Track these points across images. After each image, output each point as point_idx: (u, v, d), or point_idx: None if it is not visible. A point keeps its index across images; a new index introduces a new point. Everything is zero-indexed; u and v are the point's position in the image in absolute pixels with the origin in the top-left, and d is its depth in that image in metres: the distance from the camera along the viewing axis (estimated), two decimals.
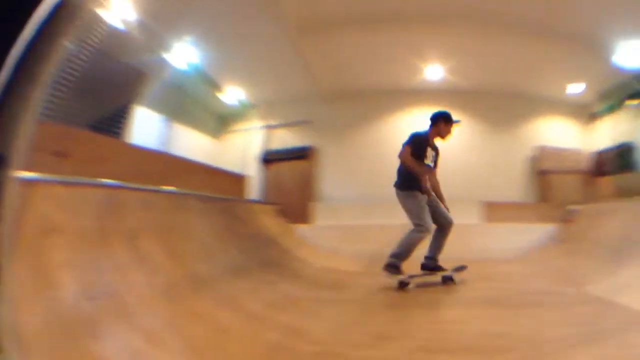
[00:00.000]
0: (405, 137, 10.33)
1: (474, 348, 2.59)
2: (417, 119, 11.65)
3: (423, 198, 5.57)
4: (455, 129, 6.25)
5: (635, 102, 10.68)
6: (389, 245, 7.78)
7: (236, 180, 9.00)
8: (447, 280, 5.42)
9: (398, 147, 11.20)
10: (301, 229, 7.81)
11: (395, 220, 8.43)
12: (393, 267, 5.11)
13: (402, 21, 8.29)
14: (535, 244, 8.12)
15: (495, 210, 9.79)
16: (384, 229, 7.99)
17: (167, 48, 7.94)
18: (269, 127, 11.25)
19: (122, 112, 7.62)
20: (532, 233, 8.50)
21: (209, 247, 3.57)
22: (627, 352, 2.39)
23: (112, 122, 7.42)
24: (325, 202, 10.45)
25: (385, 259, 5.31)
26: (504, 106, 11.47)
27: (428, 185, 5.61)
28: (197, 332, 2.30)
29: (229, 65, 9.18)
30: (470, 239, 8.09)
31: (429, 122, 6.15)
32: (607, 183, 10.78)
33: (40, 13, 1.32)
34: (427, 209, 5.55)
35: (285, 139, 11.30)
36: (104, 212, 2.78)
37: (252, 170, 10.65)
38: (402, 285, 5.01)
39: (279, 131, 11.33)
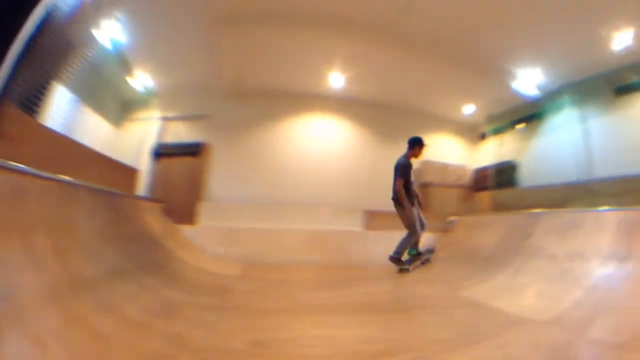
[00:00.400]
0: (302, 141, 10.59)
1: (354, 353, 2.63)
2: (313, 125, 11.90)
3: (414, 210, 7.35)
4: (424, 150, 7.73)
5: (522, 125, 11.47)
6: (272, 250, 7.92)
7: (128, 173, 8.69)
8: (425, 262, 7.47)
9: (292, 151, 11.41)
10: (186, 229, 7.67)
11: (280, 225, 8.58)
12: (396, 260, 7.02)
13: (311, 25, 8.41)
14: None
15: (376, 219, 10.11)
16: (270, 233, 8.11)
17: (97, 22, 7.68)
18: (166, 119, 11.01)
19: (42, 88, 7.26)
20: None
21: (93, 247, 3.43)
22: (504, 351, 2.58)
23: (31, 99, 7.07)
24: (212, 202, 10.35)
25: (266, 263, 7.15)
26: (396, 119, 11.86)
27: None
28: (78, 339, 2.20)
29: (145, 47, 8.92)
30: (352, 245, 8.54)
31: (407, 145, 7.65)
32: (486, 197, 11.47)
33: None
34: (417, 218, 7.32)
35: (180, 133, 11.09)
36: None
37: (144, 163, 10.37)
38: (403, 271, 6.91)
39: (175, 124, 11.11)
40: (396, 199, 7.46)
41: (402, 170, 7.47)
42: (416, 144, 7.64)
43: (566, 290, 3.70)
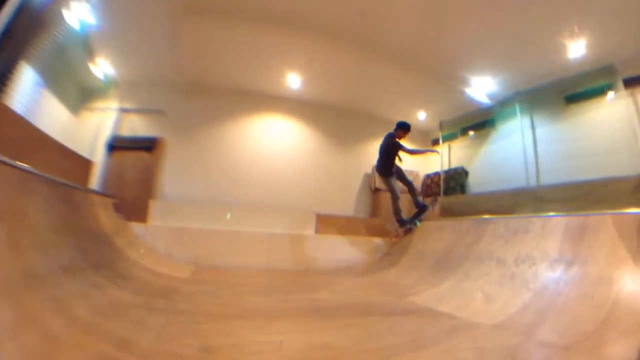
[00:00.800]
0: (257, 142, 10.59)
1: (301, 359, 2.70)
2: (270, 126, 11.87)
3: (394, 179, 8.63)
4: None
5: (473, 132, 11.68)
6: (223, 252, 7.84)
7: (83, 164, 8.43)
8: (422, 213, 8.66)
9: (248, 151, 11.36)
10: (137, 227, 7.51)
11: (232, 227, 8.51)
12: (401, 222, 8.50)
13: (272, 25, 8.38)
14: (363, 256, 8.58)
15: (327, 223, 10.15)
16: (222, 234, 8.03)
17: (66, 2, 7.49)
18: (124, 111, 10.80)
19: (12, 68, 7.05)
20: (361, 246, 8.95)
21: (46, 241, 3.33)
22: (452, 356, 2.59)
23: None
24: (164, 200, 10.20)
25: (217, 265, 7.27)
26: (351, 124, 12.01)
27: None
28: (27, 338, 2.17)
29: (110, 33, 8.66)
30: (303, 249, 8.45)
31: (396, 127, 8.81)
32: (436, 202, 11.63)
33: None
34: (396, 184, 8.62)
35: (136, 127, 10.91)
36: None
37: (98, 155, 10.13)
38: (409, 230, 8.34)
39: (132, 116, 10.91)
40: (380, 169, 8.84)
41: (394, 145, 8.67)
42: (402, 127, 8.73)
43: (514, 294, 3.75)
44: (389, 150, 8.64)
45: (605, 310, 2.74)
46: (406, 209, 8.85)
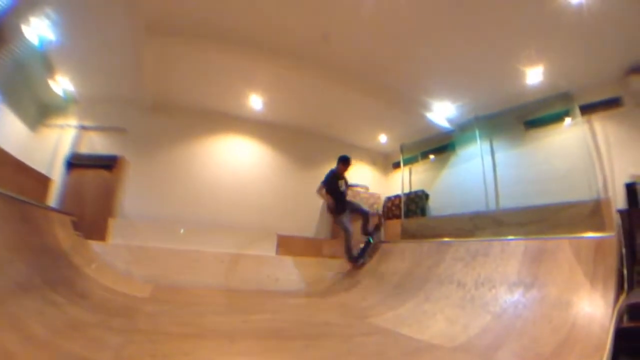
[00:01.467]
0: (219, 162, 10.59)
1: None
2: (231, 146, 11.84)
3: (343, 216, 8.52)
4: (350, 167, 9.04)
5: (433, 155, 11.82)
6: (182, 271, 7.76)
7: (41, 181, 8.25)
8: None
9: (209, 171, 11.31)
10: (96, 245, 7.38)
11: (193, 246, 8.43)
12: (353, 260, 8.35)
13: (234, 46, 8.37)
14: (324, 277, 8.57)
15: (288, 244, 10.15)
16: (181, 254, 7.95)
17: (26, 16, 7.37)
18: (83, 128, 10.64)
19: None
20: (322, 267, 9.02)
21: (1, 257, 3.27)
22: None
23: None
24: (124, 219, 10.05)
25: (176, 285, 7.21)
26: (313, 146, 12.06)
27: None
28: None
29: (70, 50, 8.50)
30: (264, 269, 8.45)
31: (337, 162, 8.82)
32: (397, 225, 11.69)
33: None
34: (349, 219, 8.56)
35: (95, 145, 10.75)
36: None
37: (57, 173, 9.94)
38: (362, 265, 8.21)
39: (91, 134, 10.76)
40: (329, 207, 8.82)
41: (325, 178, 8.71)
42: (342, 161, 8.80)
43: (474, 316, 3.79)
44: (325, 180, 8.73)
45: (564, 332, 2.79)
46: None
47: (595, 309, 2.91)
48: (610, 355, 2.35)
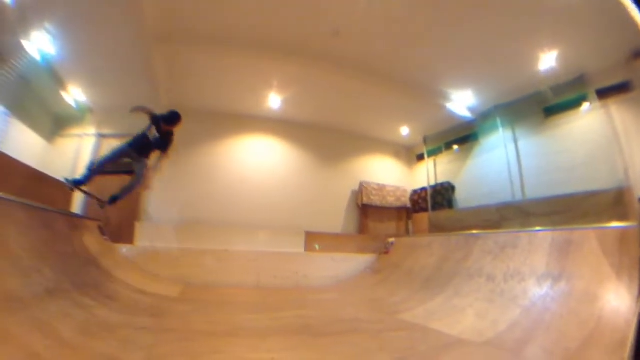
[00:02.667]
0: (242, 162, 10.60)
1: None
2: (253, 146, 11.85)
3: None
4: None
5: (457, 146, 11.70)
6: (210, 271, 7.80)
7: (63, 190, 8.41)
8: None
9: (233, 171, 11.34)
10: (124, 249, 7.47)
11: (220, 246, 8.46)
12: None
13: (249, 47, 8.40)
14: (353, 273, 8.53)
15: (316, 241, 10.13)
16: (206, 253, 7.99)
17: (26, 32, 7.46)
18: (102, 136, 10.76)
19: None
20: (350, 263, 8.92)
21: (27, 264, 3.30)
22: None
23: None
24: (150, 222, 10.14)
25: (204, 285, 7.28)
26: (334, 141, 11.97)
27: None
28: (10, 358, 2.15)
29: (78, 61, 8.64)
30: (292, 267, 8.41)
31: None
32: (423, 219, 11.60)
33: None
34: None
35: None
36: None
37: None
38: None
39: (111, 141, 10.87)
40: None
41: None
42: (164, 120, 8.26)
43: (503, 310, 3.76)
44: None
45: (590, 327, 2.77)
46: None
47: (620, 303, 2.87)
48: (634, 350, 2.30)
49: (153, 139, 8.12)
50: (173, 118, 8.16)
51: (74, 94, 9.53)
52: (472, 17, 7.23)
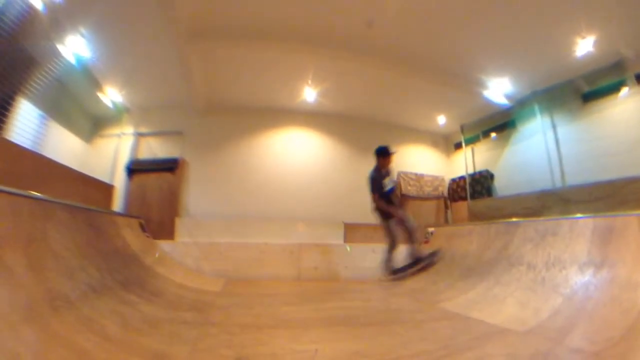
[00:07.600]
0: (279, 155, 10.70)
1: None
2: (289, 139, 11.92)
3: (392, 222, 7.47)
4: (394, 157, 7.93)
5: (494, 134, 11.59)
6: (251, 264, 7.88)
7: (103, 189, 8.59)
8: (427, 266, 7.30)
9: (270, 164, 11.46)
10: (165, 245, 7.60)
11: (259, 239, 8.55)
12: (390, 272, 7.44)
13: (284, 41, 8.44)
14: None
15: (356, 231, 10.21)
16: (249, 247, 8.07)
17: (61, 37, 7.64)
18: (140, 135, 10.96)
19: (6, 103, 7.21)
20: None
21: (71, 263, 3.38)
22: None
23: None
24: (190, 217, 10.31)
25: (246, 278, 7.43)
26: (371, 132, 11.98)
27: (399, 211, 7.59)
28: (57, 356, 2.12)
29: (113, 63, 8.87)
30: (332, 258, 8.49)
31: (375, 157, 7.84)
32: (462, 207, 11.54)
33: None
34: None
35: (154, 149, 11.06)
36: None
37: (118, 179, 10.31)
38: (396, 279, 7.23)
39: (148, 140, 11.07)
40: (377, 210, 7.68)
41: (371, 183, 7.70)
42: (380, 154, 7.85)
43: (545, 299, 3.73)
44: (372, 186, 7.72)
45: (633, 315, 2.73)
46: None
47: None
48: None
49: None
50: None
51: (110, 95, 9.74)
52: (508, 3, 7.14)
